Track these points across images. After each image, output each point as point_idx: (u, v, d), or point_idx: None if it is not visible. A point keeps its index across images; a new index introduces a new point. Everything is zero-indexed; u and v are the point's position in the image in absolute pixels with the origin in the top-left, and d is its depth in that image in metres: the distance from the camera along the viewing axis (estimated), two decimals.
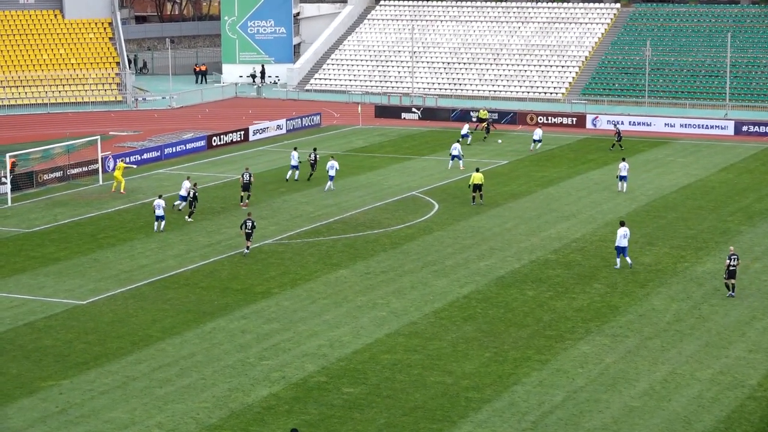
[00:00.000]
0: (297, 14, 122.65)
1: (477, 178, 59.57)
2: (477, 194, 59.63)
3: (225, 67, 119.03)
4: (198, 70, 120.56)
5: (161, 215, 54.18)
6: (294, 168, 66.36)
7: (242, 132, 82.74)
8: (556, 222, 55.97)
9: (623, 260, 47.37)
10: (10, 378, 35.34)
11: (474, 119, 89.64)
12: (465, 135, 79.98)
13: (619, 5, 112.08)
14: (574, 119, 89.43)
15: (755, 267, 47.44)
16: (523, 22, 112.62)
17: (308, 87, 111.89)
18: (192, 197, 56.62)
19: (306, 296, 43.82)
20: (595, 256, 48.94)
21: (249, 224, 49.70)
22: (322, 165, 66.01)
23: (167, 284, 45.63)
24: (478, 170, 61.20)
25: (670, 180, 66.73)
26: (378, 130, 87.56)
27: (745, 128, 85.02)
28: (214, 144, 79.97)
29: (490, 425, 31.59)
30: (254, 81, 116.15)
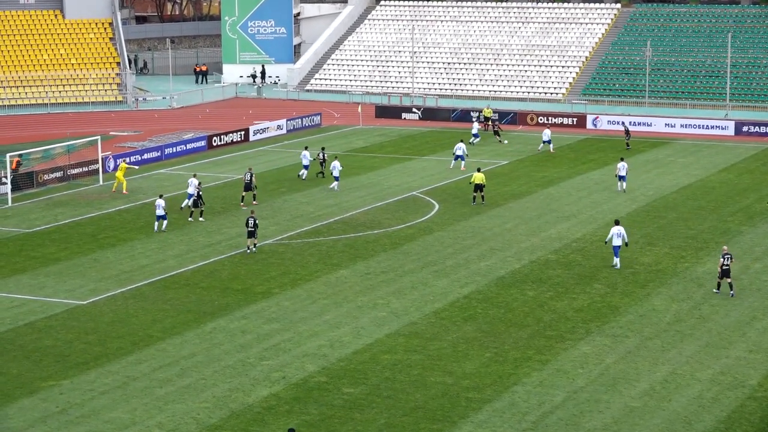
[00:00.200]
0: (297, 14, 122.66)
1: (478, 178, 59.59)
2: (478, 194, 59.67)
3: (225, 68, 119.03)
4: (198, 71, 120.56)
5: (161, 215, 54.18)
6: (306, 168, 66.78)
7: (242, 132, 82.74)
8: (557, 222, 55.97)
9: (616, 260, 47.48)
10: (11, 378, 35.34)
11: (474, 119, 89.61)
12: (476, 135, 79.96)
13: (620, 5, 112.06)
14: (575, 119, 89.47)
15: (755, 267, 47.44)
16: (524, 23, 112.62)
17: (308, 87, 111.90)
18: (197, 196, 56.70)
19: (306, 296, 43.83)
20: (596, 257, 48.94)
21: (251, 222, 49.76)
22: (327, 165, 66.48)
23: (167, 284, 45.64)
24: (480, 170, 61.23)
25: (671, 180, 66.73)
26: (378, 131, 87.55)
27: (746, 128, 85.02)
28: (215, 144, 79.98)
29: (491, 425, 31.59)
30: (254, 81, 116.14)
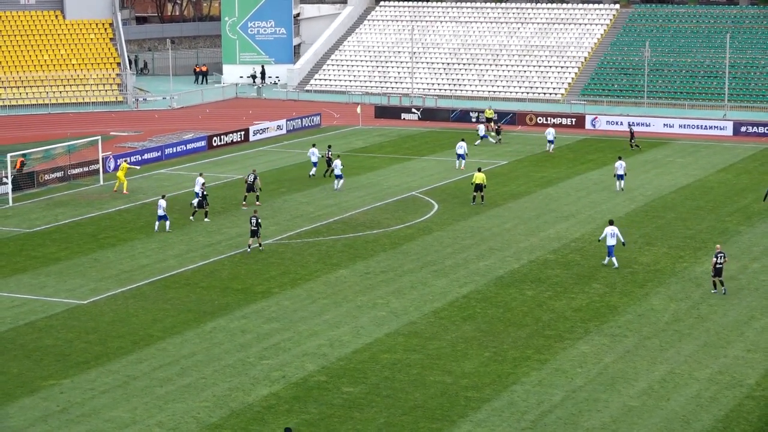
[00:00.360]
0: (297, 15, 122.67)
1: (479, 178, 59.59)
2: (478, 194, 59.67)
3: (225, 68, 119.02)
4: (198, 71, 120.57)
5: (162, 215, 54.18)
6: (315, 165, 67.07)
7: (242, 132, 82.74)
8: (555, 222, 55.98)
9: (610, 259, 47.48)
10: (11, 377, 35.36)
11: (475, 120, 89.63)
12: (484, 136, 79.90)
13: (618, 6, 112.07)
14: (574, 120, 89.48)
15: (753, 267, 47.46)
16: (523, 23, 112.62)
17: (308, 87, 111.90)
18: (201, 196, 56.68)
19: (306, 296, 43.83)
20: (594, 256, 48.92)
21: (253, 221, 49.91)
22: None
23: (168, 284, 45.65)
24: (480, 170, 61.23)
25: (669, 180, 66.74)
26: (378, 131, 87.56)
27: (744, 129, 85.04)
28: (215, 144, 79.99)
29: (490, 424, 31.60)
30: (254, 81, 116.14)
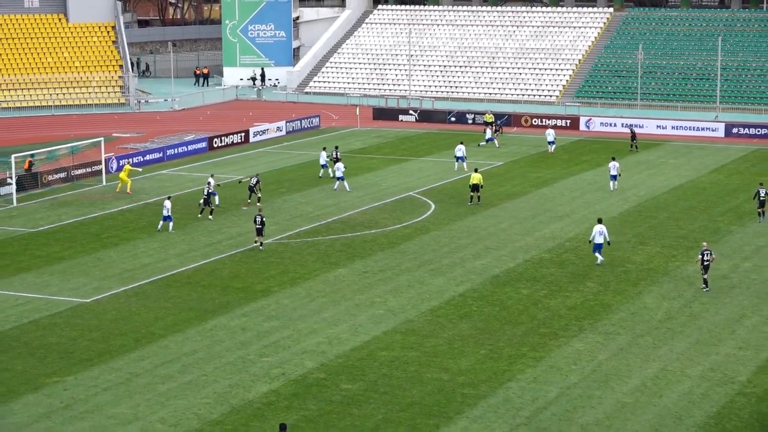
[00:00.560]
0: (296, 18, 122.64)
1: (475, 179, 59.63)
2: (474, 194, 59.69)
3: (226, 70, 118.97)
4: (198, 73, 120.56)
5: (167, 216, 54.21)
6: (324, 167, 67.30)
7: (243, 134, 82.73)
8: (550, 222, 56.01)
9: (596, 252, 47.63)
10: (16, 374, 35.38)
11: (470, 121, 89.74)
12: (490, 139, 79.78)
13: (612, 9, 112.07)
14: (568, 121, 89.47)
15: (745, 266, 47.49)
16: (518, 26, 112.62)
17: (307, 89, 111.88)
18: (207, 195, 56.76)
19: (305, 295, 43.85)
20: (589, 256, 48.90)
21: (258, 219, 50.05)
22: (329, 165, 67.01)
23: (169, 283, 45.66)
24: (477, 170, 61.26)
25: (662, 181, 66.77)
26: (376, 132, 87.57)
27: (736, 130, 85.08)
28: (216, 145, 79.99)
29: (485, 420, 31.63)
30: (254, 84, 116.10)
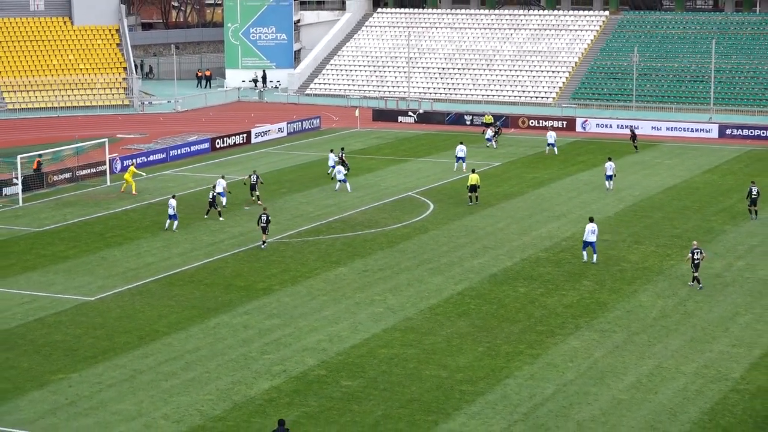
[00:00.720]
0: (297, 21, 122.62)
1: (473, 180, 59.66)
2: (473, 195, 59.69)
3: (228, 72, 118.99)
4: (200, 75, 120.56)
5: (172, 214, 54.23)
6: (332, 167, 67.42)
7: (245, 135, 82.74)
8: (547, 221, 56.02)
9: (590, 254, 47.65)
10: (22, 371, 35.39)
11: (468, 122, 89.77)
12: (489, 139, 79.73)
13: (608, 13, 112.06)
14: (565, 122, 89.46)
15: (738, 265, 47.49)
16: (515, 29, 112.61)
17: (308, 91, 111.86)
18: (212, 197, 56.70)
19: (306, 293, 43.86)
20: (588, 254, 48.90)
21: (264, 218, 50.08)
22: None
23: (173, 281, 45.67)
24: (474, 171, 61.28)
25: (657, 181, 66.79)
26: (375, 133, 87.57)
27: (729, 131, 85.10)
28: (218, 146, 80.00)
29: (483, 417, 31.65)
30: (256, 85, 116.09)
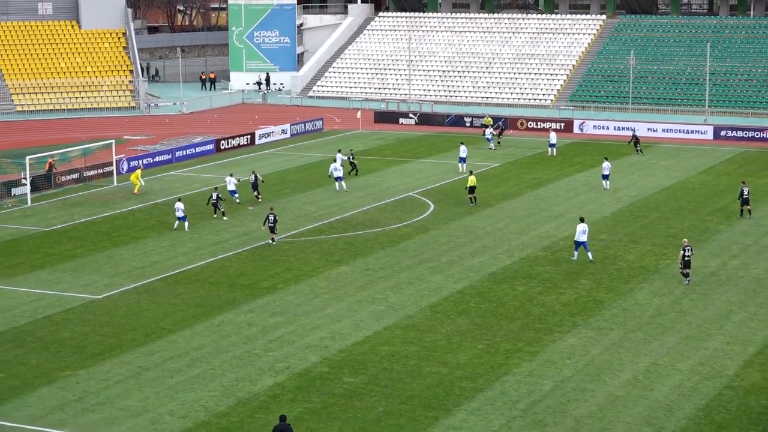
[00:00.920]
0: (300, 25, 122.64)
1: (472, 181, 59.67)
2: (472, 196, 59.67)
3: (232, 75, 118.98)
4: (204, 78, 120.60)
5: (182, 216, 54.24)
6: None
7: (249, 136, 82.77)
8: (545, 221, 56.01)
9: (582, 253, 47.69)
10: (30, 368, 35.42)
11: (468, 124, 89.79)
12: (489, 139, 79.72)
13: (605, 17, 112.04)
14: (562, 124, 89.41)
15: (732, 264, 47.48)
16: (514, 33, 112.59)
17: (311, 94, 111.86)
18: (216, 198, 56.64)
19: (309, 291, 43.87)
20: (581, 253, 48.87)
21: (271, 218, 50.13)
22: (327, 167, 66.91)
23: (178, 280, 45.68)
24: (472, 173, 61.28)
25: (653, 182, 66.77)
26: (377, 135, 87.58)
27: (724, 133, 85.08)
28: (223, 147, 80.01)
29: (483, 413, 31.66)
30: (260, 88, 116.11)
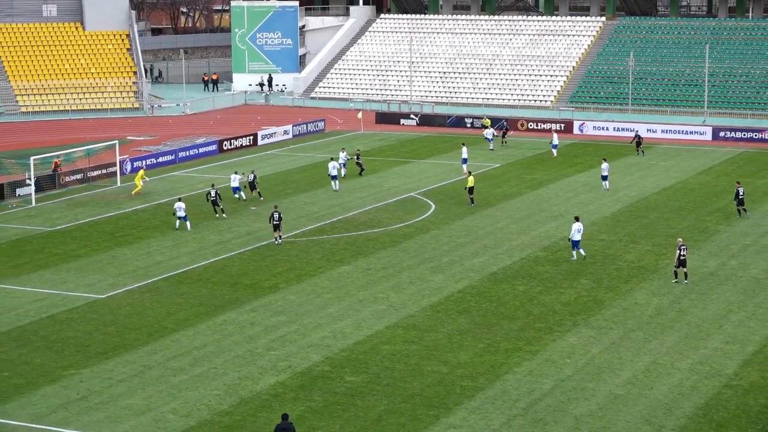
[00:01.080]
0: (302, 27, 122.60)
1: (471, 182, 59.64)
2: (472, 197, 59.59)
3: (235, 76, 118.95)
4: (206, 79, 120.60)
5: (182, 216, 54.21)
6: (342, 165, 67.57)
7: (251, 137, 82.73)
8: (546, 221, 55.95)
9: (578, 252, 47.61)
10: (34, 367, 35.38)
11: (468, 125, 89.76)
12: (489, 140, 79.67)
13: (605, 18, 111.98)
14: (562, 125, 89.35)
15: (731, 264, 47.42)
16: (515, 34, 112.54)
17: (313, 95, 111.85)
18: (214, 195, 56.65)
19: (311, 291, 43.81)
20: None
21: (276, 216, 50.10)
22: (326, 166, 66.62)
23: (181, 279, 45.64)
24: (471, 173, 61.22)
25: (652, 182, 66.71)
26: (378, 135, 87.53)
27: (722, 134, 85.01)
28: (225, 148, 79.97)
29: (483, 411, 31.60)
30: (262, 89, 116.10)
